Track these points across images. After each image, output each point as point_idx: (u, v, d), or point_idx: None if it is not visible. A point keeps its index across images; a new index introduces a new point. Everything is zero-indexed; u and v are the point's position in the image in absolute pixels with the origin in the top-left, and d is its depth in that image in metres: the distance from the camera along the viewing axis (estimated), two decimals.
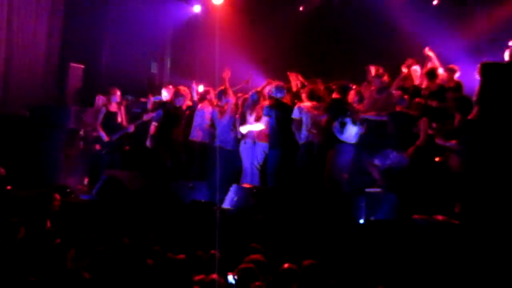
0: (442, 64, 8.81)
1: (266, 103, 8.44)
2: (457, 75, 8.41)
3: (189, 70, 10.78)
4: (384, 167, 7.88)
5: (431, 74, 8.57)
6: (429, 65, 8.96)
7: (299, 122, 8.33)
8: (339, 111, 7.90)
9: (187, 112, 9.29)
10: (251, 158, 8.55)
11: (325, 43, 10.64)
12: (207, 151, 8.91)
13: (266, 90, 8.82)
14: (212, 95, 9.20)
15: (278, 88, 8.33)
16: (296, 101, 8.80)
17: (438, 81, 8.54)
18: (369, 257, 6.15)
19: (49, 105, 9.16)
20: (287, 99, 8.75)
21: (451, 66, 8.64)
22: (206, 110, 9.01)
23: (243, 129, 8.48)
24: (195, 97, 9.28)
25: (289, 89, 8.88)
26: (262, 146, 8.40)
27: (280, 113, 8.17)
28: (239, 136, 8.74)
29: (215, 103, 9.00)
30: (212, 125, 8.92)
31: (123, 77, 9.98)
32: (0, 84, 8.85)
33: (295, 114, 8.32)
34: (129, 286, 4.96)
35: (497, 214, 6.20)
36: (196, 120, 8.96)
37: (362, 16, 10.24)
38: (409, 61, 9.25)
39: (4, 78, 8.90)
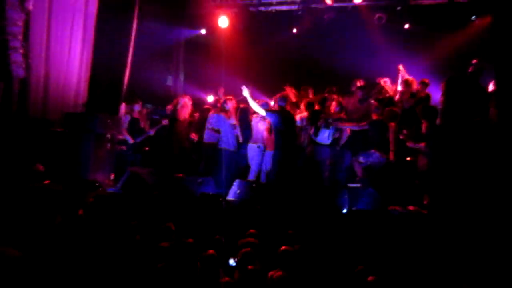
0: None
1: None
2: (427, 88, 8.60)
3: (199, 82, 10.83)
4: (366, 164, 8.06)
5: (407, 83, 8.77)
6: (401, 78, 9.10)
7: (301, 129, 8.64)
8: (315, 119, 8.22)
9: (198, 117, 9.51)
10: (259, 162, 8.75)
11: (313, 61, 10.62)
12: (214, 151, 9.04)
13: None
14: (219, 103, 9.39)
15: (281, 98, 8.37)
16: (295, 109, 8.99)
17: (412, 89, 8.72)
18: (351, 241, 6.28)
19: (81, 112, 9.33)
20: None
21: (425, 80, 8.75)
22: (214, 116, 9.14)
23: (252, 105, 8.34)
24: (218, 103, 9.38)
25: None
26: (271, 154, 8.48)
27: (282, 117, 8.14)
28: (240, 140, 8.99)
29: (220, 110, 9.12)
30: (218, 130, 9.02)
31: (143, 89, 10.10)
32: (41, 95, 8.89)
33: (298, 123, 8.57)
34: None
35: (458, 204, 6.36)
36: (207, 124, 9.11)
37: (343, 39, 10.36)
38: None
39: (44, 89, 8.94)
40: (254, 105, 8.22)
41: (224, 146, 8.92)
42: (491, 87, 7.67)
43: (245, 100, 8.35)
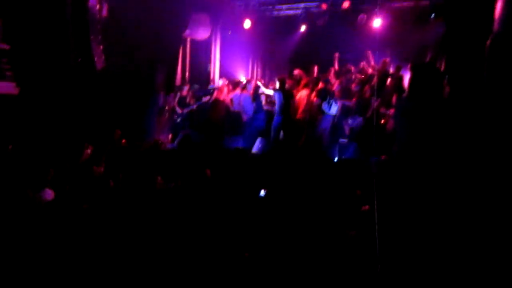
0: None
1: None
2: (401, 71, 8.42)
3: (230, 68, 10.89)
4: (352, 125, 8.09)
5: (384, 63, 8.81)
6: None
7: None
8: (326, 95, 8.15)
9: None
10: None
11: (315, 51, 10.64)
12: (240, 118, 9.07)
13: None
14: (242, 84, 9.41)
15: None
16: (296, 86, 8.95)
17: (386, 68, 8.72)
18: (340, 181, 6.49)
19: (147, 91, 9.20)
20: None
21: (399, 64, 8.57)
22: (238, 94, 9.20)
23: (264, 90, 8.77)
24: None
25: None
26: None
27: (284, 93, 8.39)
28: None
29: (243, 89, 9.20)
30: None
31: (191, 73, 10.24)
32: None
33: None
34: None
35: (417, 153, 6.30)
36: (234, 99, 9.16)
37: (336, 35, 10.33)
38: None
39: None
40: (265, 90, 8.67)
41: (247, 114, 8.98)
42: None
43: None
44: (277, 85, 8.56)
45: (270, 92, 8.49)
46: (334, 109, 8.08)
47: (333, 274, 3.09)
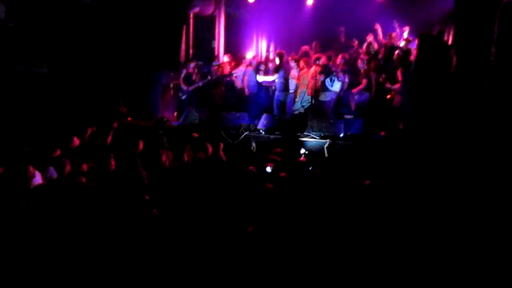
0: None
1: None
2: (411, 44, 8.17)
3: (236, 45, 10.73)
4: (359, 100, 8.03)
5: (390, 36, 8.57)
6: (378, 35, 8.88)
7: None
8: (329, 72, 8.08)
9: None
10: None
11: (323, 27, 10.43)
12: (244, 94, 9.08)
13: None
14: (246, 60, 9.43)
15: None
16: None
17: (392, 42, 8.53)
18: (346, 154, 6.66)
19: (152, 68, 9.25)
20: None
21: (409, 38, 8.38)
22: (242, 69, 9.18)
23: (260, 79, 8.80)
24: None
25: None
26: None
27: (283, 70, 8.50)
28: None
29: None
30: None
31: (195, 50, 10.08)
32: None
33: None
34: None
35: (422, 128, 6.35)
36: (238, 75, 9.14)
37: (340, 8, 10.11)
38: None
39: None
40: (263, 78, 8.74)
41: (251, 90, 9.01)
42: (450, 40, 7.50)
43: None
44: (277, 60, 8.58)
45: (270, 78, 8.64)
46: (336, 86, 8.02)
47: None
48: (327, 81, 8.02)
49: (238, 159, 6.20)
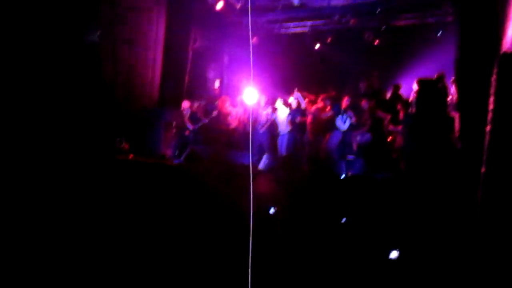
0: None
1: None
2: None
3: (238, 86, 10.94)
4: (361, 141, 8.06)
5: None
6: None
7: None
8: (339, 111, 8.25)
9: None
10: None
11: (322, 69, 10.74)
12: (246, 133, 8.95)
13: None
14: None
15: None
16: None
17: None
18: (347, 196, 6.43)
19: (154, 107, 9.43)
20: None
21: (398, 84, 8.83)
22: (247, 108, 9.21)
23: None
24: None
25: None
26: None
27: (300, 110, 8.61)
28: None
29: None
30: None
31: (199, 90, 10.34)
32: (124, 95, 9.04)
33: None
34: None
35: (424, 171, 6.36)
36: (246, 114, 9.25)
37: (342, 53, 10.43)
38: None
39: (127, 91, 9.07)
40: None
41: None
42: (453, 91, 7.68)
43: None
44: (293, 101, 8.64)
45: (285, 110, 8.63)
46: (347, 124, 8.16)
47: None
48: (338, 119, 8.17)
49: None
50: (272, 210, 5.40)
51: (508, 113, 5.64)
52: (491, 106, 5.96)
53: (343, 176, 7.30)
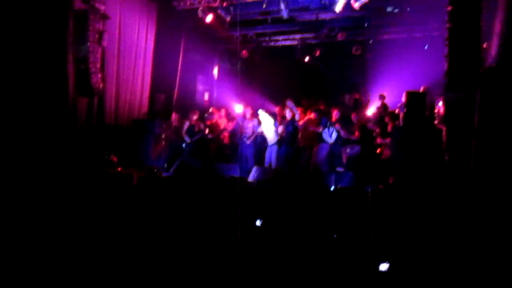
0: None
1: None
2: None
3: (228, 98, 10.93)
4: (350, 153, 8.17)
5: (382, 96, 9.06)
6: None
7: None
8: (327, 124, 8.28)
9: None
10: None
11: (311, 81, 10.78)
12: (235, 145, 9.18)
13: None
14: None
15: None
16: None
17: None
18: (336, 210, 6.38)
19: (143, 119, 9.47)
20: None
21: (383, 94, 9.00)
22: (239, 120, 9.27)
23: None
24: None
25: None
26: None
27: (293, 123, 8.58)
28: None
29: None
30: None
31: (188, 102, 10.19)
32: (113, 107, 9.05)
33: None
34: None
35: (414, 184, 6.47)
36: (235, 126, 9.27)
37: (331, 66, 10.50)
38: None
39: (116, 102, 9.08)
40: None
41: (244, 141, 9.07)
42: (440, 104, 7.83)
43: None
44: (287, 113, 8.62)
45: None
46: (333, 137, 8.20)
47: None
48: (325, 132, 8.20)
49: None
50: (258, 222, 5.33)
51: (492, 126, 5.80)
52: (476, 120, 6.11)
53: (332, 188, 7.26)
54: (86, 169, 7.52)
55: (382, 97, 8.99)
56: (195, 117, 9.23)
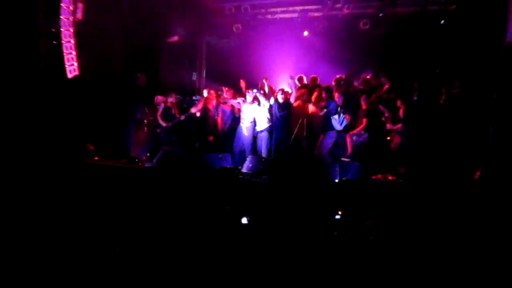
0: None
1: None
2: None
3: (219, 78, 10.64)
4: (356, 142, 7.84)
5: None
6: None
7: None
8: (336, 109, 7.99)
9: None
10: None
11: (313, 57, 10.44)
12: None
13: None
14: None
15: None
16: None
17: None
18: (341, 203, 6.21)
19: (123, 102, 8.98)
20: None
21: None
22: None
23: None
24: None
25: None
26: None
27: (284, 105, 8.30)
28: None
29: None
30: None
31: (174, 83, 9.84)
32: (91, 91, 8.66)
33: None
34: None
35: (426, 173, 6.40)
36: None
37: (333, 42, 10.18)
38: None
39: (93, 87, 8.71)
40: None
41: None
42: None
43: None
44: (279, 95, 8.30)
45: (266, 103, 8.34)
46: (343, 124, 7.96)
47: None
48: (334, 119, 7.95)
49: None
50: (244, 220, 5.19)
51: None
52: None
53: (337, 180, 7.05)
54: (61, 160, 7.37)
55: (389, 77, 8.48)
56: (171, 99, 8.92)
